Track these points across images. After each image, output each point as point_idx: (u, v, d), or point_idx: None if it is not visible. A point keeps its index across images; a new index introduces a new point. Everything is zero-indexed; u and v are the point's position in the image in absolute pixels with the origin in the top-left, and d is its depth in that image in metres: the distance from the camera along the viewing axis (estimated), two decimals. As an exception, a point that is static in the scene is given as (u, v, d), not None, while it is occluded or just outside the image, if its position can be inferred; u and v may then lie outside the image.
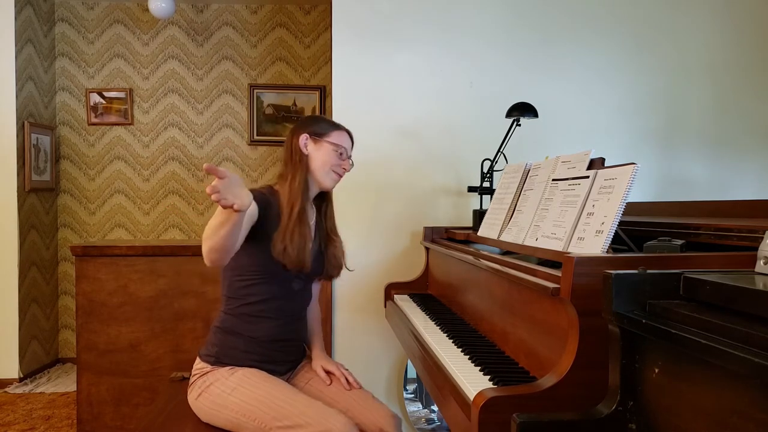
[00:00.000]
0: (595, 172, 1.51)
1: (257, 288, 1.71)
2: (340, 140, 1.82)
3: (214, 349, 1.70)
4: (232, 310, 1.73)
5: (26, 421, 3.09)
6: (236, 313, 1.72)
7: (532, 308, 1.41)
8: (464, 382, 1.33)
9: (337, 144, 1.80)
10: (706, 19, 3.09)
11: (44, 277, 4.14)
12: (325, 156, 1.78)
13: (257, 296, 1.71)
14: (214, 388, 1.64)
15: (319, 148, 1.79)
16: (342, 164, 1.81)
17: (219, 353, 1.69)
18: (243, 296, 1.72)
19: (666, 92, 3.08)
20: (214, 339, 1.73)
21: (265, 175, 4.42)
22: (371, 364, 2.95)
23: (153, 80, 4.38)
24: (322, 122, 1.84)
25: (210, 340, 1.74)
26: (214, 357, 1.69)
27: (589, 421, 0.98)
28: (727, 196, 3.00)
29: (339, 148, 1.80)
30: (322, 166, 1.78)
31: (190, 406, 1.71)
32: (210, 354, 1.70)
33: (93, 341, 2.74)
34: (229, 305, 1.74)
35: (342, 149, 1.81)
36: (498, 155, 2.58)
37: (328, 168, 1.79)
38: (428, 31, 2.98)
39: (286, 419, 1.55)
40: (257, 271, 1.70)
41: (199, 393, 1.67)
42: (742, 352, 0.73)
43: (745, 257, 1.16)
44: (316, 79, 4.42)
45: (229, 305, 1.74)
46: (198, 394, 1.67)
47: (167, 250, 2.78)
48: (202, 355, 1.73)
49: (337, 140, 1.80)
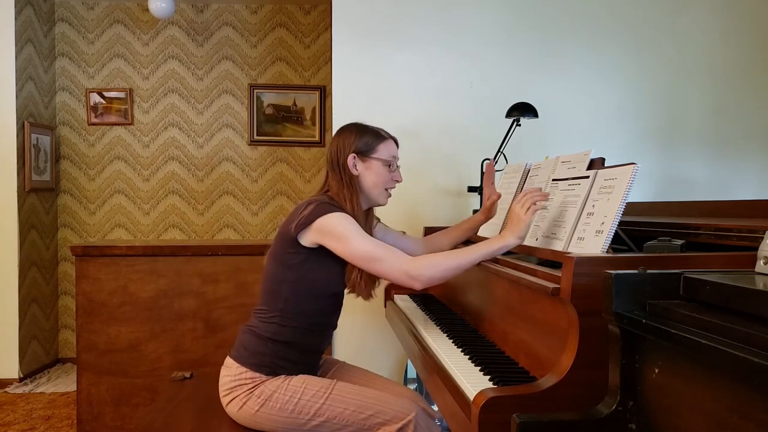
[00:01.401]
0: (595, 172, 1.51)
1: (319, 303, 1.69)
2: (389, 153, 1.75)
3: (267, 359, 1.64)
4: (287, 323, 1.66)
5: (26, 421, 3.09)
6: (293, 325, 1.66)
7: (532, 308, 1.41)
8: (464, 382, 1.33)
9: (386, 159, 1.73)
10: (706, 19, 3.09)
11: (44, 277, 4.15)
12: (376, 176, 1.73)
13: (317, 312, 1.70)
14: (279, 396, 1.60)
15: (369, 167, 1.72)
16: (393, 177, 1.76)
17: (273, 363, 1.64)
18: (302, 310, 1.67)
19: (666, 92, 3.08)
20: (264, 349, 1.65)
21: (265, 175, 4.42)
22: (371, 364, 2.94)
23: (153, 80, 4.38)
24: (366, 135, 1.74)
25: (257, 350, 1.66)
26: (268, 367, 1.64)
27: (589, 421, 0.99)
28: (727, 196, 3.00)
29: (388, 162, 1.74)
30: (375, 187, 1.73)
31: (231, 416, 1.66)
32: (263, 364, 1.64)
33: (93, 341, 2.74)
34: (286, 318, 1.66)
35: (391, 161, 1.75)
36: (498, 155, 2.58)
37: (382, 187, 1.74)
38: (428, 31, 2.98)
39: (366, 410, 1.58)
40: (325, 289, 1.68)
41: (259, 405, 1.60)
42: (742, 352, 0.73)
43: (745, 257, 1.16)
44: (316, 79, 4.42)
45: (285, 318, 1.66)
46: (259, 406, 1.61)
47: (167, 250, 2.78)
48: (250, 364, 1.64)
49: (385, 155, 1.74)
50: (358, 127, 1.77)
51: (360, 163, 1.72)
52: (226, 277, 2.78)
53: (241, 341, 1.70)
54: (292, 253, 1.64)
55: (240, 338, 1.71)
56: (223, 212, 4.43)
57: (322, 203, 1.63)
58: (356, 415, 1.59)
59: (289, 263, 1.65)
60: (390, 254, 1.60)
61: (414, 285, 1.59)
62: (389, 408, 1.59)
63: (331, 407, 1.60)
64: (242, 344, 1.69)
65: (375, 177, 1.73)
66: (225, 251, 2.79)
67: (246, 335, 1.69)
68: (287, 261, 1.65)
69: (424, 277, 1.57)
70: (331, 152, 1.75)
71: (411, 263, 1.59)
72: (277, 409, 1.60)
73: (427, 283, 1.59)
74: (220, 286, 2.78)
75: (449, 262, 1.60)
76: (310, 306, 1.67)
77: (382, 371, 2.96)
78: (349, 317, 2.96)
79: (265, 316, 1.69)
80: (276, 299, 1.68)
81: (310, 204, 1.63)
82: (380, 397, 1.62)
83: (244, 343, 1.68)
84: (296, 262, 1.64)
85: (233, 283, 2.78)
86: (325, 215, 1.60)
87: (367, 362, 2.94)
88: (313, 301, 1.68)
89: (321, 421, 1.59)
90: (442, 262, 1.59)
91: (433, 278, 1.59)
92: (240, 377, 1.64)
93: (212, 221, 4.43)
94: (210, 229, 4.43)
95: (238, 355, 1.67)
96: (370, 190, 1.73)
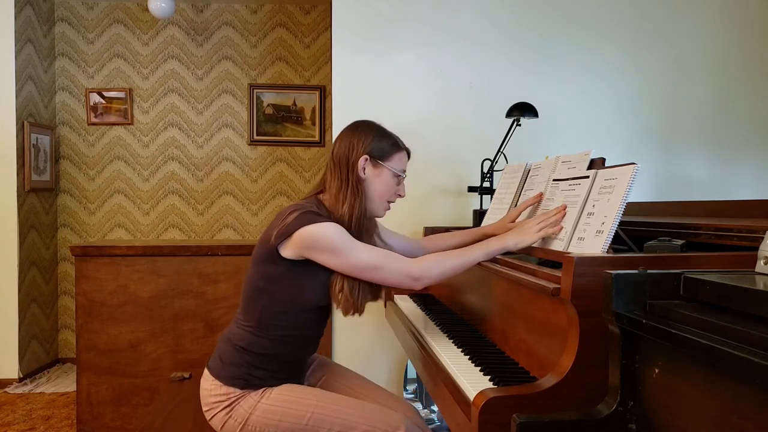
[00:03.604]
0: (595, 172, 1.51)
1: (300, 317, 1.58)
2: (401, 164, 1.65)
3: (241, 370, 1.54)
4: (263, 334, 1.55)
5: (26, 421, 3.09)
6: (269, 337, 1.55)
7: (532, 308, 1.41)
8: (464, 382, 1.33)
9: (397, 171, 1.63)
10: (706, 19, 3.09)
11: (44, 277, 4.14)
12: (383, 186, 1.61)
13: (298, 325, 1.58)
14: (256, 419, 1.51)
15: (379, 174, 1.61)
16: (398, 191, 1.66)
17: (247, 375, 1.54)
18: (280, 322, 1.56)
19: (666, 92, 3.08)
20: (239, 360, 1.55)
21: (265, 175, 4.42)
22: (371, 364, 2.95)
23: (153, 80, 4.38)
24: (384, 139, 1.63)
25: (232, 361, 1.55)
26: (242, 379, 1.53)
27: (589, 421, 0.98)
28: (727, 196, 3.00)
29: (398, 174, 1.64)
30: (379, 197, 1.62)
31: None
32: (236, 376, 1.54)
33: (93, 341, 2.74)
34: (261, 329, 1.55)
35: (401, 174, 1.65)
36: (498, 155, 2.58)
37: (385, 199, 1.64)
38: (428, 31, 2.98)
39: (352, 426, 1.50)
40: (308, 303, 1.57)
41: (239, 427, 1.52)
42: (742, 352, 0.72)
43: (745, 257, 1.16)
44: (316, 79, 4.42)
45: (261, 329, 1.56)
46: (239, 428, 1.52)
47: (167, 250, 2.78)
48: (223, 377, 1.54)
49: (397, 165, 1.63)
50: (378, 129, 1.65)
51: (370, 167, 1.60)
52: (225, 277, 2.78)
53: (218, 349, 1.61)
54: (271, 263, 1.52)
55: (217, 346, 1.62)
56: (223, 212, 4.42)
57: (306, 212, 1.50)
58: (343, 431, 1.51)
59: (267, 274, 1.54)
60: (389, 260, 1.53)
61: (415, 287, 1.55)
62: (378, 422, 1.51)
63: (315, 427, 1.51)
64: (218, 353, 1.60)
65: (381, 186, 1.61)
66: (225, 251, 2.79)
67: (222, 343, 1.61)
68: (265, 271, 1.54)
69: (426, 279, 1.54)
70: (340, 147, 1.61)
71: (412, 265, 1.53)
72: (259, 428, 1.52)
73: (429, 284, 1.57)
74: (220, 286, 2.78)
75: (450, 262, 1.57)
76: (291, 319, 1.56)
77: (381, 372, 2.97)
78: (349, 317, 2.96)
79: (241, 324, 1.59)
80: (253, 308, 1.56)
81: (294, 211, 1.50)
82: (368, 409, 1.55)
83: (221, 354, 1.59)
84: (275, 273, 1.53)
85: (233, 283, 2.78)
86: (308, 226, 1.47)
87: (367, 362, 2.95)
88: (294, 315, 1.56)
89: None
90: (442, 263, 1.56)
91: (434, 279, 1.56)
92: (215, 392, 1.55)
93: (212, 221, 4.43)
94: (210, 229, 4.43)
95: (213, 366, 1.59)
96: (373, 199, 1.62)
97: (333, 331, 2.96)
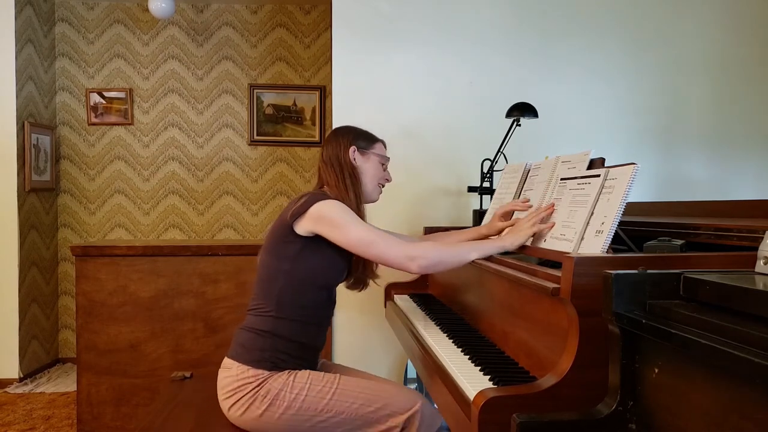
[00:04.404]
0: (606, 170, 1.47)
1: (313, 295, 1.71)
2: (383, 151, 1.88)
3: (267, 353, 1.62)
4: (284, 314, 1.66)
5: (26, 421, 3.09)
6: (289, 318, 1.66)
7: (532, 308, 1.41)
8: (464, 382, 1.33)
9: (382, 155, 1.86)
10: (706, 19, 3.09)
11: (44, 277, 4.15)
12: (373, 169, 1.83)
13: (312, 304, 1.71)
14: (285, 395, 1.59)
15: (367, 160, 1.83)
16: (386, 176, 1.87)
17: (273, 357, 1.63)
18: (298, 301, 1.68)
19: (666, 92, 3.08)
20: (263, 344, 1.64)
21: (265, 175, 4.42)
22: (371, 364, 2.95)
23: (153, 80, 4.38)
24: (363, 134, 1.86)
25: (256, 346, 1.64)
26: (269, 362, 1.62)
27: (589, 421, 0.99)
28: (727, 196, 3.00)
29: (383, 159, 1.86)
30: (371, 180, 1.83)
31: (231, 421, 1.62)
32: (264, 359, 1.62)
33: (93, 341, 2.74)
34: (282, 309, 1.66)
35: (385, 160, 1.87)
36: (498, 155, 2.58)
37: (376, 182, 1.84)
38: (428, 31, 2.98)
39: (374, 403, 1.61)
40: (319, 279, 1.71)
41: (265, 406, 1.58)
42: (742, 352, 0.72)
43: (745, 257, 1.16)
44: (316, 79, 4.42)
45: (281, 310, 1.66)
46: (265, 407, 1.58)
47: (167, 250, 2.78)
48: (250, 361, 1.62)
49: (380, 151, 1.86)
50: (355, 128, 1.88)
51: (359, 156, 1.81)
52: (226, 277, 2.78)
53: (238, 341, 1.68)
54: (287, 243, 1.67)
55: (236, 339, 1.69)
56: (223, 212, 4.43)
57: (316, 194, 1.69)
58: (364, 408, 1.61)
59: (283, 254, 1.68)
60: (387, 238, 1.67)
61: (411, 267, 1.63)
62: (396, 399, 1.63)
63: (339, 402, 1.61)
64: (239, 343, 1.67)
65: (372, 170, 1.82)
66: (225, 251, 2.79)
67: (242, 334, 1.68)
68: (282, 251, 1.68)
69: (421, 260, 1.61)
70: (328, 149, 1.82)
71: (409, 245, 1.66)
72: (284, 409, 1.58)
73: (425, 267, 1.64)
74: (220, 286, 2.78)
75: (447, 251, 1.67)
76: (306, 297, 1.69)
77: (382, 371, 2.97)
78: (349, 317, 2.97)
79: (260, 311, 1.69)
80: (271, 292, 1.69)
81: (304, 196, 1.68)
82: (386, 388, 1.66)
83: (242, 342, 1.67)
84: (292, 251, 1.67)
85: (233, 283, 2.78)
86: (320, 201, 1.65)
87: (367, 362, 2.95)
88: (308, 292, 1.69)
89: (328, 416, 1.60)
90: (440, 249, 1.67)
91: (430, 262, 1.64)
92: (242, 376, 1.61)
93: (212, 221, 4.43)
94: (210, 229, 4.43)
95: (237, 354, 1.65)
96: (367, 183, 1.81)
97: (333, 331, 2.96)
